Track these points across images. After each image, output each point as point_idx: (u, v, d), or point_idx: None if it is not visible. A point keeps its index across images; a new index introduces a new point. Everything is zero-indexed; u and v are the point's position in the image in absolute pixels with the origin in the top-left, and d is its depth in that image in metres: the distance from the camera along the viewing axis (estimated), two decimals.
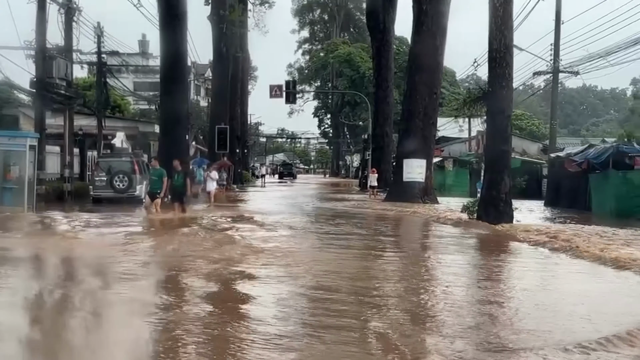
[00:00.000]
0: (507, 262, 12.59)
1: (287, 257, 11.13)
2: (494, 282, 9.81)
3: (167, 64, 29.40)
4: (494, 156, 18.25)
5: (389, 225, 20.01)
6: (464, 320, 6.93)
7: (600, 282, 10.05)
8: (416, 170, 28.08)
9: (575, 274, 10.84)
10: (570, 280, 10.30)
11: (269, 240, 13.62)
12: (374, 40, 42.60)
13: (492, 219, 17.85)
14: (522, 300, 8.31)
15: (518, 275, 10.71)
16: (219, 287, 8.87)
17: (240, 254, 11.39)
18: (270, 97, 41.46)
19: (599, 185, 23.59)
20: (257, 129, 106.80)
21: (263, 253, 11.64)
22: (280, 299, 7.83)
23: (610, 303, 8.31)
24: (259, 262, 10.55)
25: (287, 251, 11.99)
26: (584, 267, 11.35)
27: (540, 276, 10.82)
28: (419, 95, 28.39)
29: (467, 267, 11.58)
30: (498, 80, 18.14)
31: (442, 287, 9.01)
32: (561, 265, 11.71)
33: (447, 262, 11.61)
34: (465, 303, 7.93)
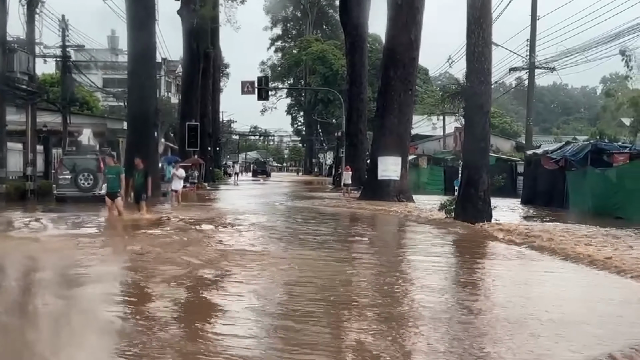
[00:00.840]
0: (488, 265, 11.98)
1: (254, 261, 10.40)
2: (475, 288, 9.22)
3: (135, 60, 28.51)
4: (473, 153, 17.73)
5: (364, 225, 19.36)
6: (444, 334, 6.31)
7: (594, 288, 9.51)
8: (391, 167, 27.52)
9: (561, 278, 10.28)
10: (556, 284, 9.73)
11: (237, 242, 12.88)
12: (347, 37, 41.99)
13: (470, 218, 17.34)
14: (507, 308, 7.71)
15: (502, 279, 10.10)
16: (180, 294, 8.10)
17: (204, 258, 10.61)
18: (242, 93, 40.54)
19: (576, 183, 23.25)
20: (229, 127, 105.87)
21: (229, 256, 10.89)
22: (246, 309, 7.14)
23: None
24: (224, 267, 9.81)
25: (256, 254, 11.25)
26: (568, 269, 10.83)
27: (524, 280, 10.24)
28: (394, 91, 27.83)
29: (446, 270, 10.98)
30: (476, 75, 17.63)
31: (421, 295, 8.35)
32: (545, 268, 11.16)
33: (425, 265, 10.98)
34: (444, 313, 7.31)
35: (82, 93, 51.20)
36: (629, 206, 19.47)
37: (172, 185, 22.27)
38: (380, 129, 28.43)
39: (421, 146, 52.95)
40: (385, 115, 28.13)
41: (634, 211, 19.06)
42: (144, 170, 18.10)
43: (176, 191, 22.02)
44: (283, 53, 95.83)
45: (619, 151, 21.40)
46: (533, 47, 28.12)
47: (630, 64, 43.05)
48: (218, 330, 6.36)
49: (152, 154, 28.14)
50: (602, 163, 21.98)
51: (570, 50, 25.89)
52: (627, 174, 19.86)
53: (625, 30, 23.01)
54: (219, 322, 6.75)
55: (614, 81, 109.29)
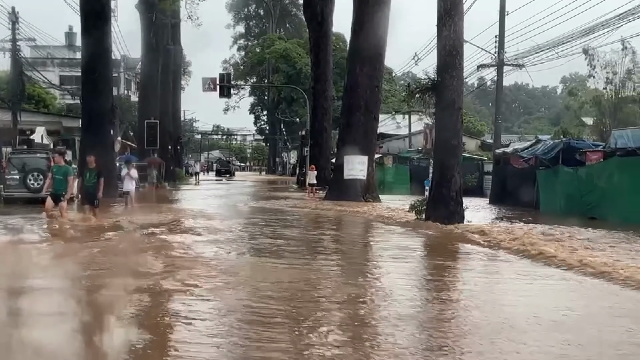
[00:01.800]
0: (462, 270, 11.17)
1: (210, 270, 9.38)
2: (450, 295, 8.39)
3: (90, 55, 27.19)
4: (444, 151, 16.92)
5: (330, 228, 18.40)
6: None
7: (579, 294, 8.73)
8: (357, 167, 26.68)
9: (538, 283, 9.50)
10: (536, 290, 8.94)
11: (191, 248, 11.82)
12: (311, 32, 41.02)
13: (442, 219, 16.53)
14: (486, 317, 6.87)
15: (476, 285, 9.24)
16: (127, 308, 7.07)
17: (152, 268, 9.53)
18: (204, 90, 39.42)
19: (547, 182, 22.70)
20: (191, 126, 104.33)
21: (180, 267, 9.82)
22: (199, 324, 6.16)
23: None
24: (176, 277, 8.76)
25: (211, 262, 10.21)
26: (548, 273, 10.07)
27: (498, 286, 9.43)
28: (360, 88, 27.00)
29: (418, 277, 10.14)
30: (448, 70, 16.83)
31: (394, 309, 7.47)
32: (519, 272, 10.40)
33: (395, 271, 10.12)
34: (414, 326, 6.44)
35: (37, 90, 49.48)
36: (603, 206, 18.94)
37: (124, 186, 20.95)
38: (346, 127, 27.58)
39: (386, 145, 52.31)
40: (351, 113, 27.28)
41: (609, 211, 18.53)
42: (96, 170, 16.51)
43: (128, 193, 20.71)
44: (246, 51, 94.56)
45: (592, 149, 20.87)
46: (502, 44, 27.56)
47: (593, 63, 43.40)
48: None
49: (108, 152, 26.85)
50: (574, 162, 21.44)
51: (541, 46, 25.33)
52: (600, 173, 19.33)
53: (600, 24, 22.49)
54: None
55: (574, 81, 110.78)
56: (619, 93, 42.36)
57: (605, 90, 42.99)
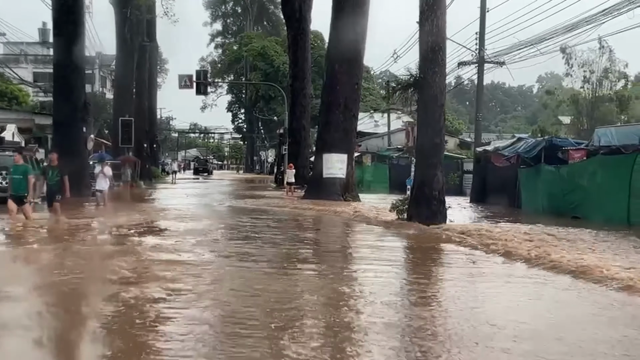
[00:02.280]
0: (446, 273, 10.74)
1: (181, 275, 8.84)
2: (434, 302, 7.94)
3: (63, 50, 26.45)
4: (426, 150, 16.50)
5: (309, 228, 17.88)
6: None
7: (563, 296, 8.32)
8: (336, 165, 26.24)
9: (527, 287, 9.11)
10: (517, 292, 8.54)
11: (163, 251, 11.23)
12: (289, 30, 40.45)
13: (424, 219, 16.11)
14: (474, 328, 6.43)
15: (460, 289, 8.80)
16: (90, 318, 6.53)
17: (124, 272, 9.00)
18: (180, 87, 38.68)
19: (529, 181, 22.41)
20: (168, 124, 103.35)
21: (152, 269, 9.30)
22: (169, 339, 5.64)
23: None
24: (145, 283, 8.21)
25: (183, 266, 9.66)
26: (541, 277, 9.69)
27: (483, 289, 9.00)
28: (340, 85, 26.55)
29: (398, 281, 9.68)
30: (430, 66, 16.41)
31: (370, 310, 7.01)
32: (506, 275, 10.02)
33: (377, 275, 9.66)
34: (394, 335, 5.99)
35: (10, 87, 48.37)
36: (586, 205, 18.66)
37: (97, 184, 20.21)
38: (325, 125, 27.11)
39: (364, 143, 51.95)
40: (330, 111, 26.83)
41: (592, 210, 18.26)
42: (58, 168, 15.51)
43: (101, 191, 19.97)
44: (223, 49, 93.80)
45: (575, 147, 20.59)
46: (482, 41, 27.23)
47: (571, 62, 43.45)
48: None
49: (81, 150, 26.16)
50: (557, 160, 21.16)
51: (523, 42, 25.02)
52: (583, 172, 19.04)
53: (584, 20, 22.22)
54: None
55: (550, 80, 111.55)
56: (596, 92, 42.59)
57: (583, 89, 43.16)
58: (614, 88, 43.60)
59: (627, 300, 7.95)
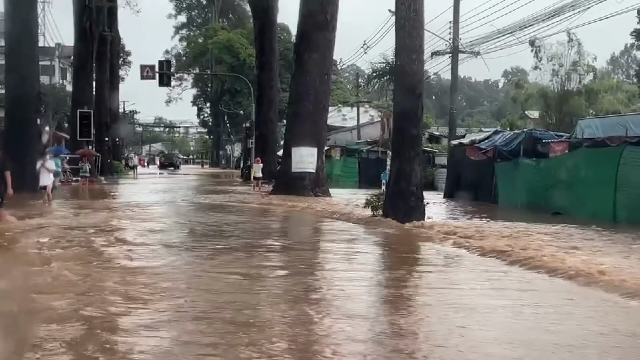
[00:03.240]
0: (425, 276, 9.70)
1: (134, 283, 7.68)
2: (408, 308, 6.95)
3: (14, 37, 24.89)
4: (403, 142, 15.46)
5: (277, 226, 16.74)
6: None
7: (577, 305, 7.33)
8: (306, 159, 25.12)
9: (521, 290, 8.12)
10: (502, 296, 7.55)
11: (114, 256, 10.00)
12: (256, 19, 39.20)
13: (401, 215, 15.09)
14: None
15: (441, 294, 7.77)
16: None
17: (64, 281, 7.79)
18: (142, 78, 37.22)
19: (506, 175, 21.56)
20: (132, 117, 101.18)
21: (98, 277, 8.11)
22: None
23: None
24: (89, 293, 7.03)
25: (136, 272, 8.50)
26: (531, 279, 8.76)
27: (472, 292, 7.99)
28: (309, 76, 25.44)
29: (371, 286, 8.66)
30: (407, 53, 15.38)
31: (339, 325, 5.95)
32: (489, 276, 9.07)
33: (347, 279, 8.62)
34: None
35: None
36: (569, 200, 17.82)
37: (40, 180, 18.68)
38: (294, 117, 25.96)
39: (332, 137, 50.86)
40: (299, 102, 25.70)
41: (575, 206, 17.43)
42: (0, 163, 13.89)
43: (45, 188, 18.42)
44: (188, 42, 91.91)
45: (557, 140, 19.75)
46: (457, 30, 26.28)
47: (540, 55, 42.97)
48: None
49: (33, 144, 24.61)
50: (537, 153, 20.31)
51: (502, 31, 24.14)
52: (566, 165, 18.21)
53: (569, 5, 21.36)
54: None
55: (515, 75, 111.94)
56: (565, 85, 42.27)
57: (552, 82, 42.78)
58: (583, 82, 43.34)
59: None
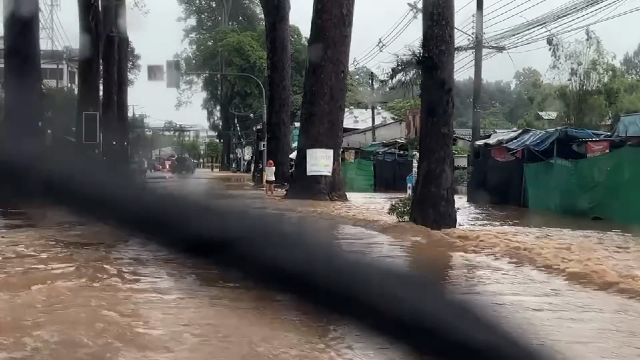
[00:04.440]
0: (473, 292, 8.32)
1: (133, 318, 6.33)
2: None
3: (14, 34, 23.63)
4: (432, 141, 14.06)
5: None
6: None
7: None
8: (322, 161, 23.80)
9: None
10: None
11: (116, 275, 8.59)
12: (267, 16, 37.85)
13: (431, 222, 13.70)
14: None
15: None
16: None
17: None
18: (149, 79, 36.14)
19: (537, 177, 20.11)
20: (142, 122, 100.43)
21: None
22: None
23: None
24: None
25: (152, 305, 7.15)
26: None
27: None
28: (324, 73, 24.11)
29: None
30: (436, 44, 13.98)
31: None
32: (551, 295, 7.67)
33: None
34: None
35: None
36: (610, 204, 16.35)
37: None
38: (309, 117, 24.61)
39: (345, 139, 49.51)
40: (314, 102, 24.36)
41: (617, 210, 15.96)
42: None
43: None
44: (198, 45, 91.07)
45: (595, 139, 18.28)
46: (480, 24, 24.85)
47: (558, 53, 41.69)
48: None
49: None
50: (572, 153, 18.84)
51: (531, 22, 22.69)
52: (607, 166, 16.73)
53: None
54: None
55: (528, 76, 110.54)
56: (584, 84, 41.28)
57: (570, 81, 41.75)
58: (602, 80, 42.27)
59: None
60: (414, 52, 14.02)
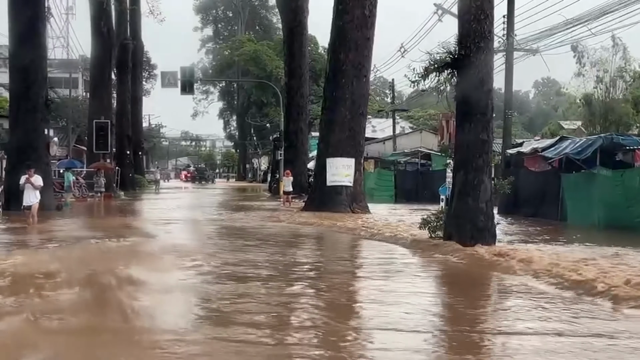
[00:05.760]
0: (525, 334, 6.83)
1: None
2: None
3: (18, 37, 22.58)
4: (470, 149, 12.57)
5: (314, 253, 13.67)
6: None
7: None
8: (342, 171, 22.39)
9: None
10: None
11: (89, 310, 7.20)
12: (285, 22, 36.63)
13: (468, 238, 12.22)
14: None
15: None
16: None
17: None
18: (163, 86, 35.02)
19: (577, 189, 18.53)
20: (158, 131, 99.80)
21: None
22: None
23: None
24: None
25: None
26: None
27: None
28: (345, 78, 22.74)
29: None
30: (474, 40, 12.53)
31: None
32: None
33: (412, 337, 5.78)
34: None
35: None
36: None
37: (24, 199, 15.86)
38: (329, 124, 23.19)
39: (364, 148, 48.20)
40: (334, 108, 22.97)
41: None
42: None
43: (29, 208, 15.61)
44: (214, 54, 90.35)
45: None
46: (511, 25, 23.35)
47: (583, 61, 40.22)
48: None
49: (40, 155, 22.16)
50: (616, 163, 17.28)
51: (570, 21, 21.14)
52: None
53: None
54: None
55: (546, 85, 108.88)
56: (610, 93, 40.02)
57: (596, 89, 40.53)
58: (630, 88, 40.92)
59: None
60: (448, 49, 12.58)
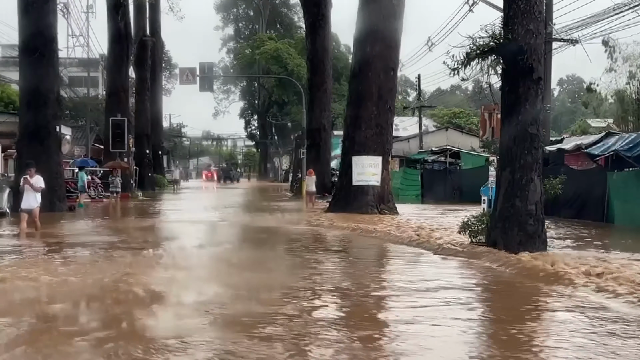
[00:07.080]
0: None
1: None
2: None
3: (29, 32, 21.61)
4: (517, 144, 11.24)
5: (342, 261, 12.11)
6: None
7: None
8: (369, 170, 21.12)
9: None
10: None
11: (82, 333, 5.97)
12: (307, 15, 35.28)
13: (515, 244, 10.93)
14: None
15: None
16: None
17: None
18: (181, 83, 34.02)
19: (626, 188, 17.08)
20: (179, 131, 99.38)
21: None
22: None
23: None
24: None
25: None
26: None
27: None
28: (372, 71, 21.46)
29: None
30: (522, 22, 11.21)
31: None
32: None
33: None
34: None
35: (7, 91, 43.85)
36: None
37: (22, 202, 14.61)
38: (355, 120, 21.90)
39: None
40: (360, 103, 21.69)
41: None
42: None
43: (29, 212, 14.32)
44: (235, 53, 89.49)
45: None
46: (550, 13, 21.93)
47: (615, 56, 38.61)
48: None
49: (52, 154, 21.16)
50: None
51: (618, 6, 19.68)
52: None
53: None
54: None
55: (571, 83, 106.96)
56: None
57: (629, 85, 38.93)
58: None
59: None
60: (493, 33, 11.24)
